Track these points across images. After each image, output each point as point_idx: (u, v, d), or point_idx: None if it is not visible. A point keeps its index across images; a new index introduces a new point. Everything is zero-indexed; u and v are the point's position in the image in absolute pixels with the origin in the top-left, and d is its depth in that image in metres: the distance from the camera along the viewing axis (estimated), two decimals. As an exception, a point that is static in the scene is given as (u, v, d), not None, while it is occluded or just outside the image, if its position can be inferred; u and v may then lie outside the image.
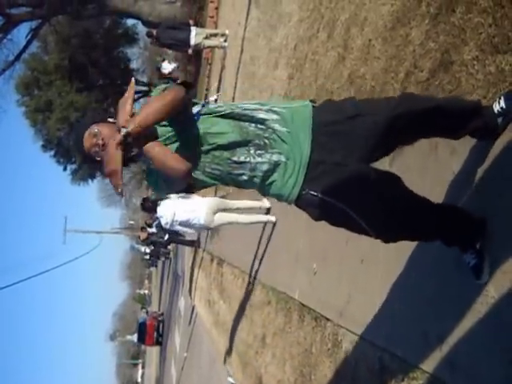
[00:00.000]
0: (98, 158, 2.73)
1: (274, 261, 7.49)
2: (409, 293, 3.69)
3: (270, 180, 2.72)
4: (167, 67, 20.14)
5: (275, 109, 2.76)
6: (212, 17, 17.57)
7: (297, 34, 7.46)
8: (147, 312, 45.84)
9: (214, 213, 7.67)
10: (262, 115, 2.73)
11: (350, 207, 2.62)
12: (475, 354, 2.93)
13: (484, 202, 3.01)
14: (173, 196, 7.83)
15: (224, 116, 2.75)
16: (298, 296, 6.19)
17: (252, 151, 2.69)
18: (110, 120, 2.79)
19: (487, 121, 2.90)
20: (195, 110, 2.78)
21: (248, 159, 2.69)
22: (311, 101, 2.86)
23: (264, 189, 2.78)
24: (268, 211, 8.03)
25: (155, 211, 8.90)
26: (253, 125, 2.72)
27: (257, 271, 8.47)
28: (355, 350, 4.46)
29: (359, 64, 5.05)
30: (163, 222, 8.01)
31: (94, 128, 2.74)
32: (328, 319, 5.13)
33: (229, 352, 9.83)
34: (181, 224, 7.87)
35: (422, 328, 3.44)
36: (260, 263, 8.33)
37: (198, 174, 2.75)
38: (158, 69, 20.98)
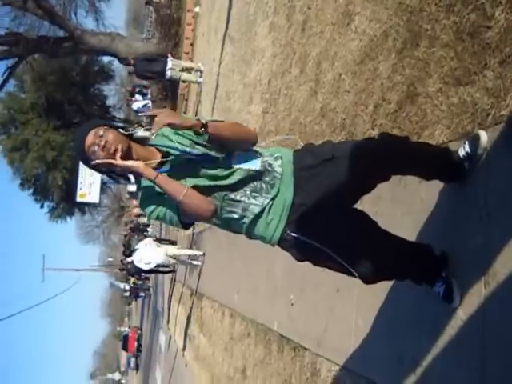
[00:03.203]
0: (93, 159, 2.68)
1: (253, 293, 7.53)
2: (383, 319, 3.77)
3: (257, 222, 2.77)
4: (138, 103, 20.29)
5: (277, 154, 2.82)
6: (187, 53, 17.77)
7: (270, 69, 7.60)
8: (129, 326, 47.22)
9: (168, 255, 13.03)
10: (270, 161, 2.80)
11: (330, 248, 2.69)
12: (448, 375, 3.01)
13: (451, 230, 3.11)
14: (141, 245, 13.45)
15: None
16: (276, 327, 6.23)
17: (248, 191, 2.74)
18: (120, 131, 2.78)
19: (454, 166, 3.00)
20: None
21: (243, 199, 2.74)
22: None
23: (249, 230, 2.83)
24: (203, 256, 12.65)
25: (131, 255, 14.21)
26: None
27: (236, 304, 8.50)
28: (333, 378, 4.51)
29: (330, 98, 5.18)
30: (136, 263, 13.42)
31: (101, 130, 2.69)
32: (306, 349, 5.18)
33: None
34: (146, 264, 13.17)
35: (397, 353, 3.51)
36: (239, 296, 8.37)
37: None
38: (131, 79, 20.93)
